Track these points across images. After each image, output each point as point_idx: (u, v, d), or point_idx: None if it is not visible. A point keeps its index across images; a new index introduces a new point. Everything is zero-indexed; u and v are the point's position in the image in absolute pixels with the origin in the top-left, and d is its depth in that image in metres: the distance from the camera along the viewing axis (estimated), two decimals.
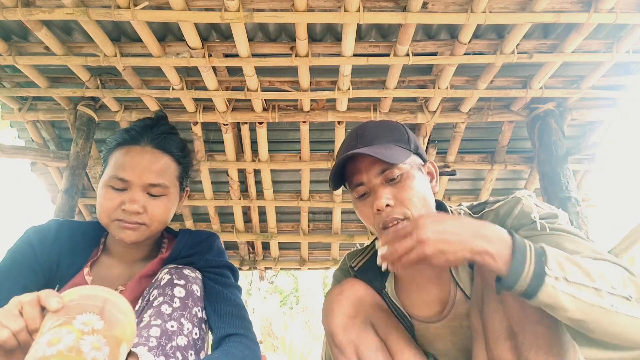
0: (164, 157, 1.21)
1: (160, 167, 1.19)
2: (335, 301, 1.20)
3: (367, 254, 1.33)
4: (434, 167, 1.23)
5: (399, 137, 1.17)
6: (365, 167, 1.13)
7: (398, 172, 1.11)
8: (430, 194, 1.17)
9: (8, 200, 11.72)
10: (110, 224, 1.16)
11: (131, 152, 1.18)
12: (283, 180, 2.91)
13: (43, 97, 2.44)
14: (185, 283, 1.12)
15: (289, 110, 2.41)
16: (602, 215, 7.64)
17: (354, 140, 1.18)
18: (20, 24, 1.87)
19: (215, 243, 1.30)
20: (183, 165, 1.27)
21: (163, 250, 1.30)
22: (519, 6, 1.77)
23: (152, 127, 1.24)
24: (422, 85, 2.29)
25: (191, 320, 1.08)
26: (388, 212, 1.10)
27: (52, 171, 2.76)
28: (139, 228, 1.16)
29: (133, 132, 1.22)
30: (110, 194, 1.15)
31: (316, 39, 2.08)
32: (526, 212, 1.09)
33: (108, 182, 1.16)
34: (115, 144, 1.22)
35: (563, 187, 2.23)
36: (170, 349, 1.01)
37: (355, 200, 1.19)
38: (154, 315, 1.04)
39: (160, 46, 1.96)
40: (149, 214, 1.16)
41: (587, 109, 2.42)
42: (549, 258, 0.82)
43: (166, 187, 1.19)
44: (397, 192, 1.11)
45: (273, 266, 3.40)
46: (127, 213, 1.13)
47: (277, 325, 9.39)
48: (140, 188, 1.15)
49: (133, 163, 1.16)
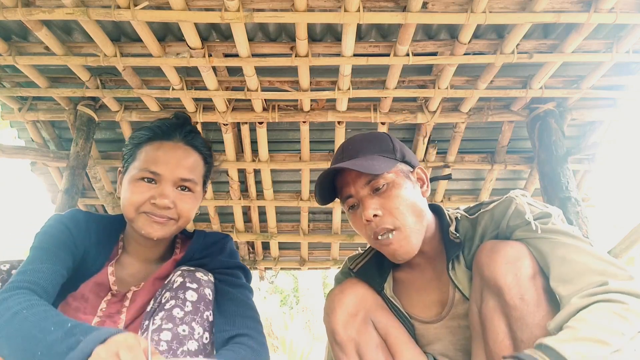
0: (195, 153, 1.23)
1: (192, 163, 1.21)
2: (336, 300, 1.21)
3: (367, 256, 1.35)
4: (423, 172, 1.24)
5: (384, 148, 1.20)
6: (352, 180, 1.16)
7: (383, 181, 1.13)
8: (421, 200, 1.18)
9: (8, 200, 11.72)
10: (137, 218, 1.15)
11: (164, 146, 1.19)
12: (283, 180, 2.91)
13: (43, 97, 2.44)
14: (197, 287, 1.11)
15: (289, 110, 2.41)
16: (602, 215, 7.64)
17: (340, 154, 1.22)
18: (20, 24, 1.87)
19: (228, 245, 1.31)
20: (209, 164, 1.29)
21: (177, 251, 1.30)
22: (519, 6, 1.77)
23: (182, 125, 1.25)
24: (422, 85, 2.29)
25: (202, 325, 1.07)
26: (377, 222, 1.12)
27: (52, 171, 2.76)
28: (168, 223, 1.16)
29: (165, 127, 1.23)
30: (141, 188, 1.15)
31: (316, 39, 2.08)
32: (520, 212, 1.10)
33: (138, 175, 1.16)
34: (145, 139, 1.22)
35: (563, 187, 2.23)
36: (181, 353, 1.00)
37: (347, 212, 1.23)
38: (165, 319, 1.04)
39: (160, 46, 1.96)
40: (178, 209, 1.16)
41: (587, 109, 2.42)
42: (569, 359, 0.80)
43: (195, 184, 1.20)
44: (384, 201, 1.13)
45: (273, 266, 3.40)
46: (157, 207, 1.13)
47: (277, 325, 9.38)
48: (172, 182, 1.16)
49: (166, 157, 1.17)
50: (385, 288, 1.25)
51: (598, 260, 0.96)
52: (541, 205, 1.12)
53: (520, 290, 0.98)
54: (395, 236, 1.11)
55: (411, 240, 1.12)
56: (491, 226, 1.15)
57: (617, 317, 0.84)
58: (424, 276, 1.24)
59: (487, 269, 1.03)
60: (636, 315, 0.83)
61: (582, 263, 0.96)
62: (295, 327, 9.72)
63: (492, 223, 1.14)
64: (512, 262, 1.01)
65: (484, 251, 1.07)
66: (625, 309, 0.84)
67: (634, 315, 0.83)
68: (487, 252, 1.06)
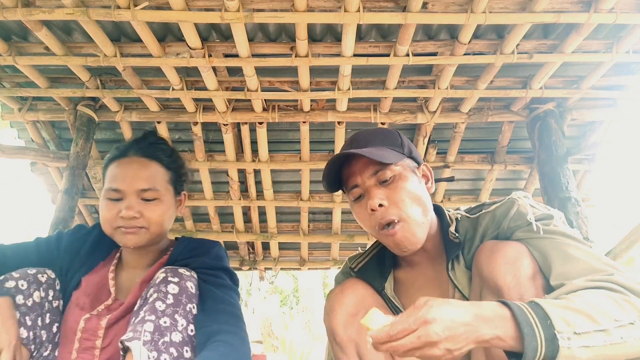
0: (152, 163, 1.30)
1: (149, 173, 1.28)
2: (336, 300, 1.21)
3: (368, 256, 1.35)
4: (428, 169, 1.25)
5: (393, 142, 1.21)
6: (359, 170, 1.16)
7: (390, 173, 1.14)
8: (426, 195, 1.18)
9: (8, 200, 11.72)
10: (114, 233, 1.25)
11: (121, 164, 1.29)
12: (283, 180, 2.91)
13: (43, 97, 2.44)
14: (179, 280, 1.14)
15: (289, 110, 2.41)
16: (602, 215, 7.64)
17: (349, 145, 1.23)
18: (20, 24, 1.87)
19: (215, 248, 1.33)
20: (173, 170, 1.34)
21: (165, 257, 1.33)
22: (519, 6, 1.77)
23: (139, 141, 1.34)
24: (422, 85, 2.29)
25: (185, 317, 1.10)
26: (382, 212, 1.12)
27: (52, 171, 2.76)
28: (139, 231, 1.23)
29: (122, 147, 1.33)
30: (109, 205, 1.25)
31: (316, 39, 2.08)
32: (522, 213, 1.10)
33: (106, 195, 1.27)
34: (108, 160, 1.33)
35: (563, 187, 2.23)
36: (162, 344, 1.03)
37: (352, 204, 1.22)
38: (148, 311, 1.07)
39: (160, 46, 1.97)
40: (145, 218, 1.23)
41: (587, 109, 2.42)
42: (553, 319, 0.80)
43: (157, 191, 1.27)
44: (390, 193, 1.13)
45: (273, 266, 3.40)
46: (125, 219, 1.21)
47: (277, 325, 9.38)
48: (134, 195, 1.24)
49: (123, 173, 1.26)
50: (386, 287, 1.25)
51: (600, 262, 0.95)
52: (543, 207, 1.12)
53: (520, 290, 0.97)
54: (400, 227, 1.11)
55: (416, 232, 1.12)
56: (492, 227, 1.15)
57: (615, 304, 0.83)
58: (424, 275, 1.24)
59: (486, 269, 1.03)
60: (634, 308, 0.83)
61: (584, 262, 0.96)
62: (295, 327, 9.72)
63: (493, 224, 1.14)
64: (511, 262, 1.01)
65: (484, 251, 1.07)
66: (625, 299, 0.84)
67: (632, 307, 0.83)
68: (487, 252, 1.06)
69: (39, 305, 1.20)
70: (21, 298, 1.17)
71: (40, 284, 1.23)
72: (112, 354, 1.17)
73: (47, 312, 1.23)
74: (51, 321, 1.23)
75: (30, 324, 1.17)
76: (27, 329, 1.16)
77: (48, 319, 1.22)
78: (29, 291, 1.19)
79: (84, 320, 1.20)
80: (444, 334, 0.79)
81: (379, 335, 0.82)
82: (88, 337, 1.18)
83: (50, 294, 1.25)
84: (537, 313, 0.81)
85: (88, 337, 1.18)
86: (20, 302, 1.16)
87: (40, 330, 1.19)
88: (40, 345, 1.19)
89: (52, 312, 1.24)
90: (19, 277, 1.19)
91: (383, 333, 0.82)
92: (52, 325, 1.23)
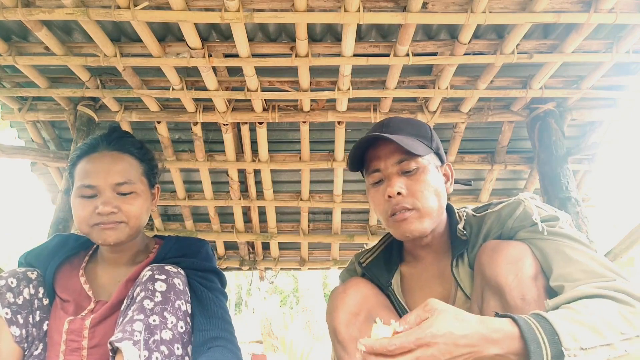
0: (124, 156, 1.27)
1: (123, 167, 1.25)
2: (338, 298, 1.21)
3: (376, 251, 1.36)
4: (450, 169, 1.26)
5: (423, 134, 1.21)
6: (384, 155, 1.16)
7: (415, 165, 1.14)
8: (444, 193, 1.19)
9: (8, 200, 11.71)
10: (91, 231, 1.21)
11: (92, 159, 1.24)
12: (283, 180, 2.91)
13: (43, 97, 2.44)
14: (166, 277, 1.13)
15: (289, 110, 2.41)
16: (602, 215, 7.65)
17: (380, 128, 1.22)
18: (20, 24, 1.86)
19: (204, 248, 1.32)
20: (145, 162, 1.32)
21: (151, 255, 1.32)
22: (519, 6, 1.77)
23: (107, 135, 1.30)
24: (422, 85, 2.29)
25: (175, 314, 1.09)
26: (398, 199, 1.12)
27: (52, 171, 2.75)
28: (119, 226, 1.20)
29: (90, 141, 1.29)
30: (83, 203, 1.20)
31: (316, 39, 2.08)
32: (528, 213, 1.10)
33: (78, 193, 1.22)
34: (75, 158, 1.28)
35: (563, 187, 2.23)
36: (152, 342, 1.03)
37: (369, 186, 1.22)
38: (136, 310, 1.06)
39: (160, 46, 1.96)
40: (124, 212, 1.20)
41: (587, 109, 2.42)
42: (560, 335, 0.79)
43: (133, 184, 1.24)
44: (410, 183, 1.13)
45: (273, 266, 3.40)
46: (103, 215, 1.18)
47: (277, 325, 9.37)
48: (109, 189, 1.20)
49: (96, 169, 1.22)
50: (393, 284, 1.26)
51: (602, 266, 0.95)
52: (550, 208, 1.12)
53: (522, 290, 0.97)
54: (411, 214, 1.12)
55: (425, 221, 1.13)
56: (496, 226, 1.15)
57: (621, 317, 0.83)
58: (429, 272, 1.25)
59: (488, 268, 1.03)
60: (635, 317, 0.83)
61: (585, 265, 0.95)
62: (295, 327, 9.71)
63: (497, 223, 1.15)
64: (513, 262, 1.01)
65: (486, 251, 1.07)
66: (631, 311, 0.83)
67: (638, 319, 0.82)
68: (489, 251, 1.06)
69: (29, 302, 1.20)
70: (11, 296, 1.16)
71: (30, 281, 1.23)
72: (100, 355, 1.16)
73: (37, 310, 1.22)
74: (41, 319, 1.23)
75: (22, 322, 1.18)
76: (20, 327, 1.17)
77: (38, 317, 1.22)
78: (19, 288, 1.20)
79: (67, 322, 1.19)
80: (444, 358, 0.77)
81: (376, 346, 0.80)
82: (73, 339, 1.17)
83: (40, 291, 1.24)
84: (544, 329, 0.80)
85: (73, 338, 1.17)
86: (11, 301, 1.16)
87: (32, 327, 1.20)
88: (32, 343, 1.19)
89: (42, 309, 1.24)
90: (8, 275, 1.20)
91: (380, 345, 0.79)
92: (42, 323, 1.23)
